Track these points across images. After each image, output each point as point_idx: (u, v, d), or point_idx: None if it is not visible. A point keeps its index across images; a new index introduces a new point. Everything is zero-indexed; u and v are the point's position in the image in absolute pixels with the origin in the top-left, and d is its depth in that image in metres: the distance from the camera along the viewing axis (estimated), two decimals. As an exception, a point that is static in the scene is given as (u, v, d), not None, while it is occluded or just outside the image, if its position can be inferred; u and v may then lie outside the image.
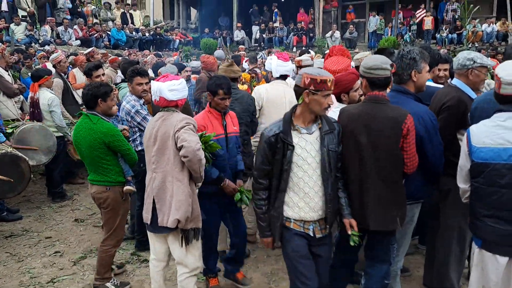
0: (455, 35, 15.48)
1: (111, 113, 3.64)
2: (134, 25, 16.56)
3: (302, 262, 2.60)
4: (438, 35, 15.87)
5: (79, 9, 15.67)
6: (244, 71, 7.98)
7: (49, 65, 7.63)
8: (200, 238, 3.42)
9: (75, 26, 13.98)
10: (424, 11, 16.48)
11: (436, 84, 3.79)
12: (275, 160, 2.57)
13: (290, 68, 4.48)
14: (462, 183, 2.56)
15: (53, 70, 6.42)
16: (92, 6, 16.47)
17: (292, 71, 8.90)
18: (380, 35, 16.94)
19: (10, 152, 4.58)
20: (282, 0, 19.97)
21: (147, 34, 16.39)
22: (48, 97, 5.61)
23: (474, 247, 2.49)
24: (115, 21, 16.10)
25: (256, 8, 19.24)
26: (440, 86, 3.60)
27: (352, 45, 16.91)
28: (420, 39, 16.60)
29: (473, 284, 2.49)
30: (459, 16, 15.95)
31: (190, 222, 3.02)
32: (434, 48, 6.16)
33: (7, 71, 6.17)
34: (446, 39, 15.48)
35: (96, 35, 14.28)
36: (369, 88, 2.73)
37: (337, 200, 2.69)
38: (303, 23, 18.00)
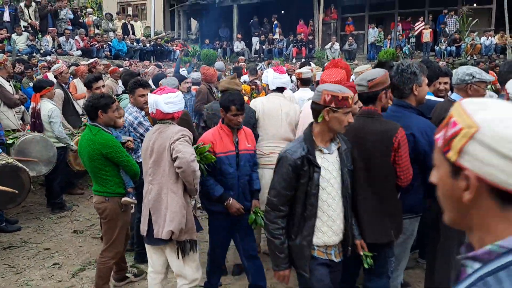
0: (454, 48, 15.60)
1: (117, 125, 3.69)
2: (135, 36, 16.66)
3: None
4: (437, 48, 15.99)
5: (81, 20, 15.77)
6: (244, 83, 8.02)
7: (50, 76, 7.67)
8: (208, 254, 3.42)
9: (77, 37, 14.06)
10: (423, 24, 16.63)
11: (437, 98, 3.82)
12: (300, 184, 2.40)
13: (287, 81, 4.48)
14: None
15: (55, 81, 6.46)
16: (94, 17, 16.60)
17: (292, 83, 8.99)
18: (379, 47, 17.06)
19: (11, 163, 4.57)
20: (282, 12, 20.14)
21: (148, 45, 16.47)
22: (49, 108, 5.63)
23: None
24: (116, 32, 16.20)
25: (256, 20, 19.38)
26: (440, 100, 3.63)
27: (352, 57, 17.03)
28: (419, 52, 16.73)
29: None
30: (458, 29, 16.09)
31: (185, 234, 3.03)
32: (434, 61, 6.21)
33: (9, 82, 6.21)
34: (445, 52, 15.60)
35: (97, 46, 14.35)
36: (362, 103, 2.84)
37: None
38: (303, 35, 18.12)
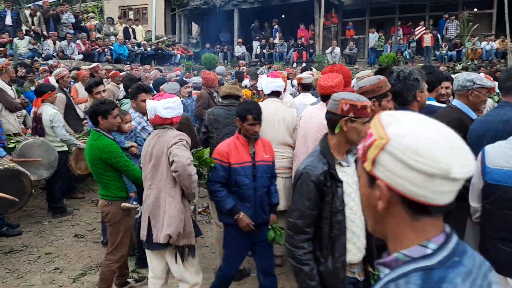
0: (455, 53, 15.63)
1: (123, 130, 3.75)
2: (136, 40, 16.71)
3: None
4: (438, 52, 16.02)
5: (82, 24, 15.83)
6: (246, 88, 8.03)
7: (52, 80, 7.69)
8: (220, 270, 3.37)
9: (78, 41, 14.11)
10: (424, 28, 16.67)
11: (439, 103, 3.81)
12: (325, 202, 2.24)
13: (281, 84, 4.47)
14: (473, 202, 2.52)
15: (56, 85, 6.48)
16: (95, 21, 16.65)
17: (293, 88, 8.99)
18: (380, 52, 17.09)
19: (12, 167, 4.58)
20: (283, 16, 20.20)
21: (149, 49, 16.52)
22: (50, 113, 5.64)
23: None
24: (118, 36, 16.25)
25: (257, 24, 19.44)
26: (443, 106, 3.62)
27: (352, 61, 17.07)
28: (420, 56, 16.77)
29: None
30: (459, 34, 16.13)
31: (183, 239, 3.04)
32: (436, 67, 6.22)
33: (11, 86, 6.22)
34: (446, 57, 15.62)
35: (99, 50, 14.41)
36: None
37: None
38: (304, 39, 18.16)
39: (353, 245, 2.33)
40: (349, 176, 2.32)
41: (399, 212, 0.92)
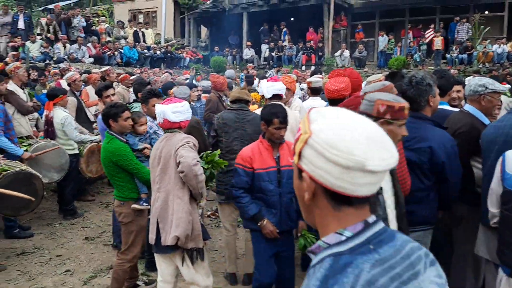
0: (466, 56, 15.49)
1: (137, 132, 3.84)
2: (146, 43, 16.82)
3: None
4: (449, 55, 15.90)
5: (93, 28, 15.99)
6: (254, 91, 8.04)
7: (63, 83, 7.78)
8: (255, 281, 3.27)
9: (89, 44, 14.25)
10: (433, 31, 16.56)
11: (451, 108, 3.77)
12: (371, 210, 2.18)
13: (282, 87, 4.49)
14: (492, 207, 2.52)
15: (68, 88, 6.55)
16: (106, 25, 16.81)
17: (302, 91, 8.97)
18: (390, 55, 17.01)
19: (24, 170, 4.64)
20: (292, 19, 20.22)
21: (158, 52, 16.63)
22: (62, 116, 5.70)
23: (501, 275, 2.45)
24: (128, 39, 16.39)
25: (266, 27, 19.47)
26: (455, 110, 3.58)
27: (362, 64, 17.02)
28: (430, 59, 16.66)
29: None
30: (470, 37, 16.00)
31: (191, 242, 3.05)
32: (448, 71, 6.18)
33: (23, 89, 6.30)
34: (457, 60, 15.50)
35: (109, 53, 14.54)
36: None
37: None
38: (312, 42, 18.15)
39: None
40: (385, 182, 2.20)
41: (323, 203, 0.97)
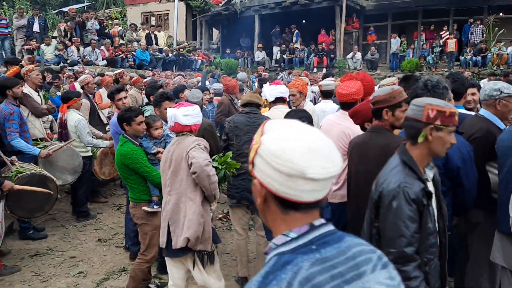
0: (480, 58, 15.29)
1: (153, 136, 3.90)
2: (158, 46, 16.95)
3: None
4: (462, 58, 15.71)
5: (106, 30, 16.16)
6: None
7: (77, 86, 7.87)
8: None
9: (102, 47, 14.41)
10: (448, 33, 16.39)
11: (468, 112, 3.72)
12: (423, 224, 2.02)
13: (284, 90, 4.49)
14: None
15: (81, 91, 6.62)
16: (119, 28, 16.98)
17: (313, 94, 8.94)
18: (402, 57, 16.87)
19: (39, 173, 4.70)
20: (304, 22, 20.19)
21: (170, 55, 16.73)
22: (76, 119, 5.76)
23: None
24: (140, 42, 16.52)
25: (278, 29, 19.47)
26: (471, 113, 3.54)
27: (374, 67, 16.91)
28: (443, 61, 16.48)
29: None
30: (484, 39, 15.79)
31: (200, 244, 3.05)
32: (461, 74, 6.11)
33: (38, 92, 6.39)
34: (470, 62, 15.30)
35: (122, 56, 14.69)
36: None
37: None
38: (324, 44, 18.08)
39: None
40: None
41: (273, 207, 1.07)
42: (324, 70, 15.38)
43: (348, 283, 0.98)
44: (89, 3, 26.83)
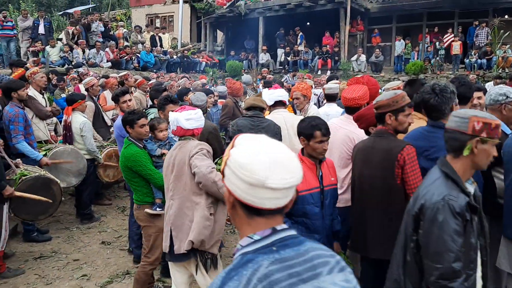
0: (485, 61, 15.21)
1: (157, 138, 3.91)
2: (163, 48, 16.98)
3: None
4: (467, 60, 15.64)
5: (111, 32, 16.21)
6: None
7: (82, 88, 7.90)
8: None
9: (107, 49, 14.45)
10: (452, 36, 16.33)
11: None
12: (465, 238, 1.96)
13: (283, 94, 4.48)
14: None
15: (86, 93, 6.65)
16: (124, 30, 17.03)
17: (315, 96, 8.91)
18: (407, 60, 16.81)
19: (43, 175, 4.71)
20: (308, 24, 20.18)
21: (175, 57, 16.76)
22: (81, 121, 5.78)
23: None
24: (145, 44, 16.56)
25: (282, 31, 19.47)
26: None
27: (378, 69, 16.86)
28: (448, 64, 16.41)
29: None
30: (489, 41, 15.72)
31: (207, 246, 3.02)
32: (466, 77, 6.09)
33: (42, 94, 6.42)
34: (475, 65, 15.24)
35: (126, 58, 14.72)
36: None
37: None
38: (329, 47, 18.04)
39: (478, 277, 2.11)
40: None
41: (240, 212, 1.19)
42: (329, 73, 15.33)
43: (304, 282, 1.08)
44: (94, 5, 26.95)
